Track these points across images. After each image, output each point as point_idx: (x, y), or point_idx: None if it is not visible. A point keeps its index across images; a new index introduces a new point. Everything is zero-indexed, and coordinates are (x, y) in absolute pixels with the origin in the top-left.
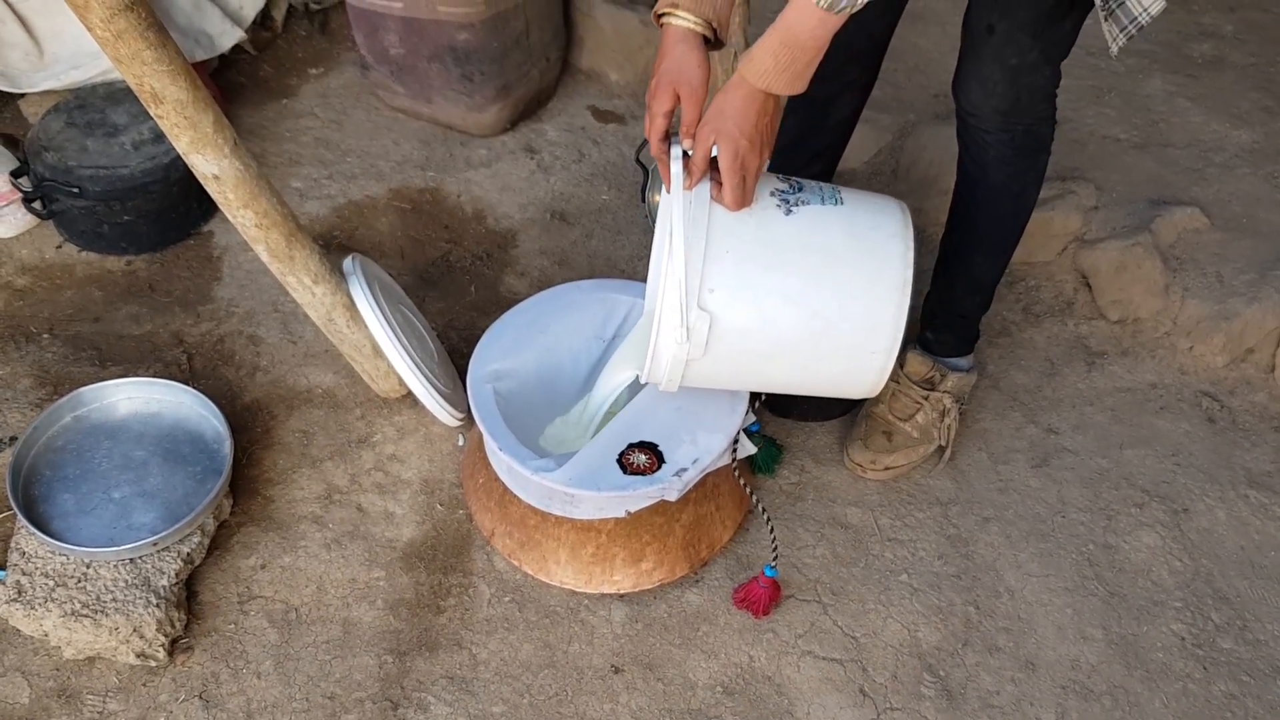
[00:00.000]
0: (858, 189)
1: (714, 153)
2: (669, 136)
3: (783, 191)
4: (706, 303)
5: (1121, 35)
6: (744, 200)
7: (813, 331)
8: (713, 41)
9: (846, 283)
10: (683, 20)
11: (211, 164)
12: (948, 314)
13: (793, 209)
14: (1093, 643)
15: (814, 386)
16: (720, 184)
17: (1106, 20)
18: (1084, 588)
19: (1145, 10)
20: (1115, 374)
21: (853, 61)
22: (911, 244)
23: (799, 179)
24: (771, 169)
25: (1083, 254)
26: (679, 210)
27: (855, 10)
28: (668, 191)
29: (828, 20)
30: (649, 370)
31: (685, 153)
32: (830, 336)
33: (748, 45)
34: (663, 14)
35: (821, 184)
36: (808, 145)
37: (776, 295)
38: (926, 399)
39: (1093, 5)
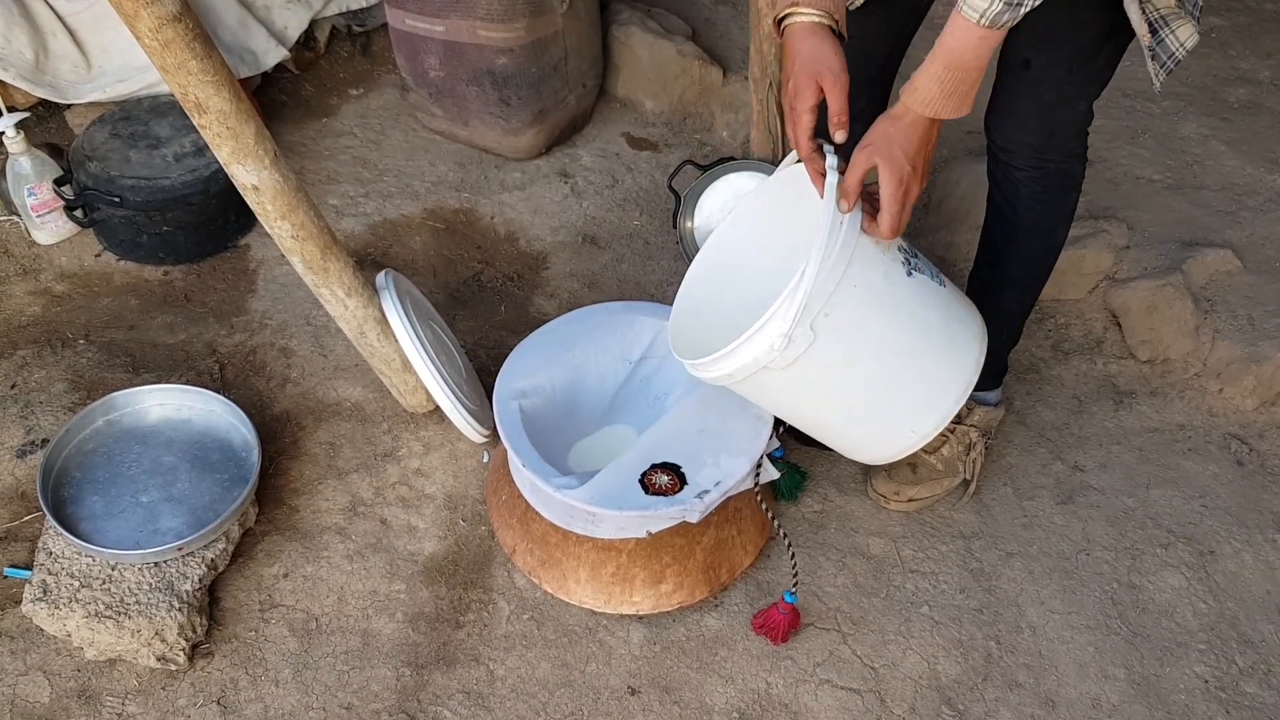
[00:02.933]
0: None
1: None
2: (815, 135)
3: (905, 251)
4: (818, 324)
5: (1162, 71)
6: (900, 229)
7: (878, 392)
8: (837, 33)
9: (927, 361)
10: (809, 15)
11: (252, 174)
12: None
13: (912, 272)
14: (1114, 682)
15: (836, 437)
16: (870, 212)
17: (1151, 60)
18: (1107, 626)
19: (1181, 45)
20: (1143, 413)
21: (862, 91)
22: (984, 353)
23: (913, 245)
24: None
25: (1113, 293)
26: (826, 225)
27: (1015, 21)
28: (819, 195)
29: (989, 37)
30: (721, 358)
31: (834, 155)
32: (887, 403)
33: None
34: (784, 16)
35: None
36: None
37: (872, 345)
38: (953, 432)
39: (1127, 44)
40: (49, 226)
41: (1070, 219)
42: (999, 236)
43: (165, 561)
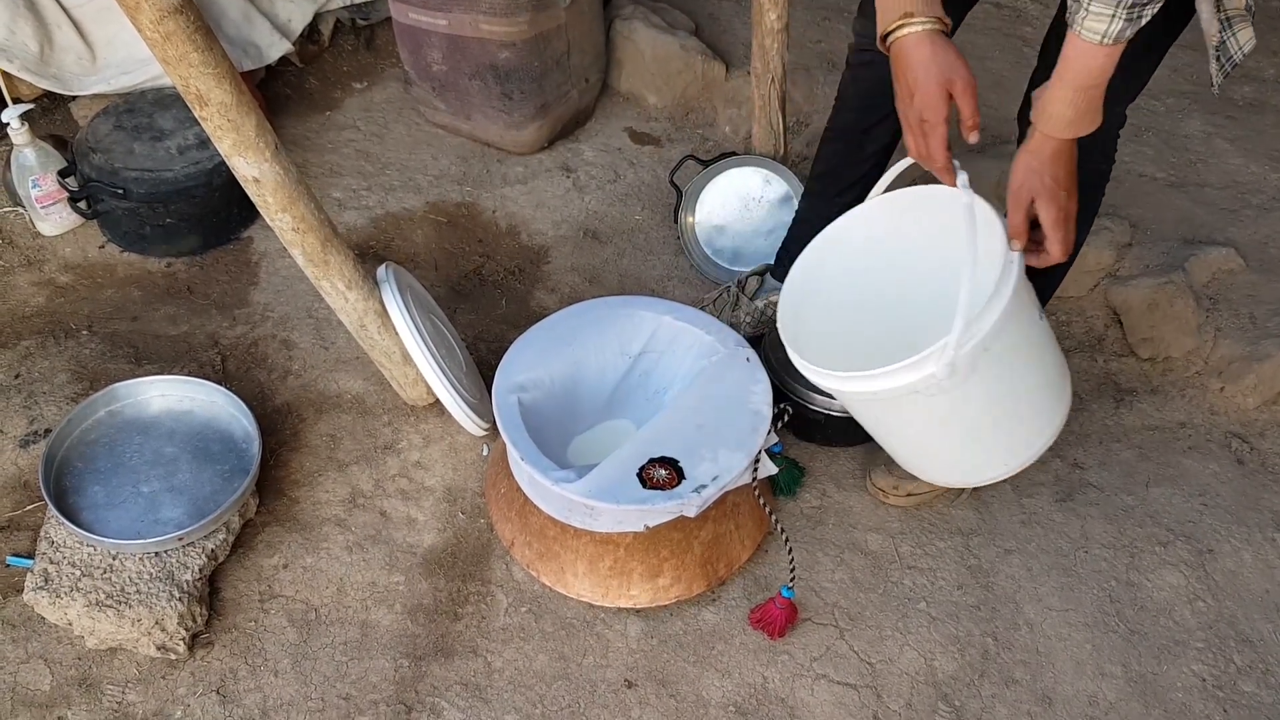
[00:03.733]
0: None
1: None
2: (950, 146)
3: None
4: (979, 357)
5: (1220, 73)
6: (1069, 248)
7: (997, 426)
8: (949, 36)
9: (1040, 401)
10: (924, 24)
11: (252, 167)
12: None
13: (1040, 318)
14: (1111, 679)
15: (921, 459)
16: (1034, 247)
17: (1214, 61)
18: (1104, 624)
19: (1240, 48)
20: (1144, 411)
21: (891, 93)
22: (1071, 397)
23: None
24: (809, 196)
25: (1115, 290)
26: (999, 261)
27: (1133, 35)
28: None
29: (1114, 53)
30: (875, 377)
31: (965, 173)
32: (995, 438)
33: (785, 73)
34: (895, 29)
35: None
36: (845, 175)
37: (1011, 383)
38: None
39: (1168, 49)
40: (53, 218)
41: (1092, 219)
42: None
43: (166, 551)
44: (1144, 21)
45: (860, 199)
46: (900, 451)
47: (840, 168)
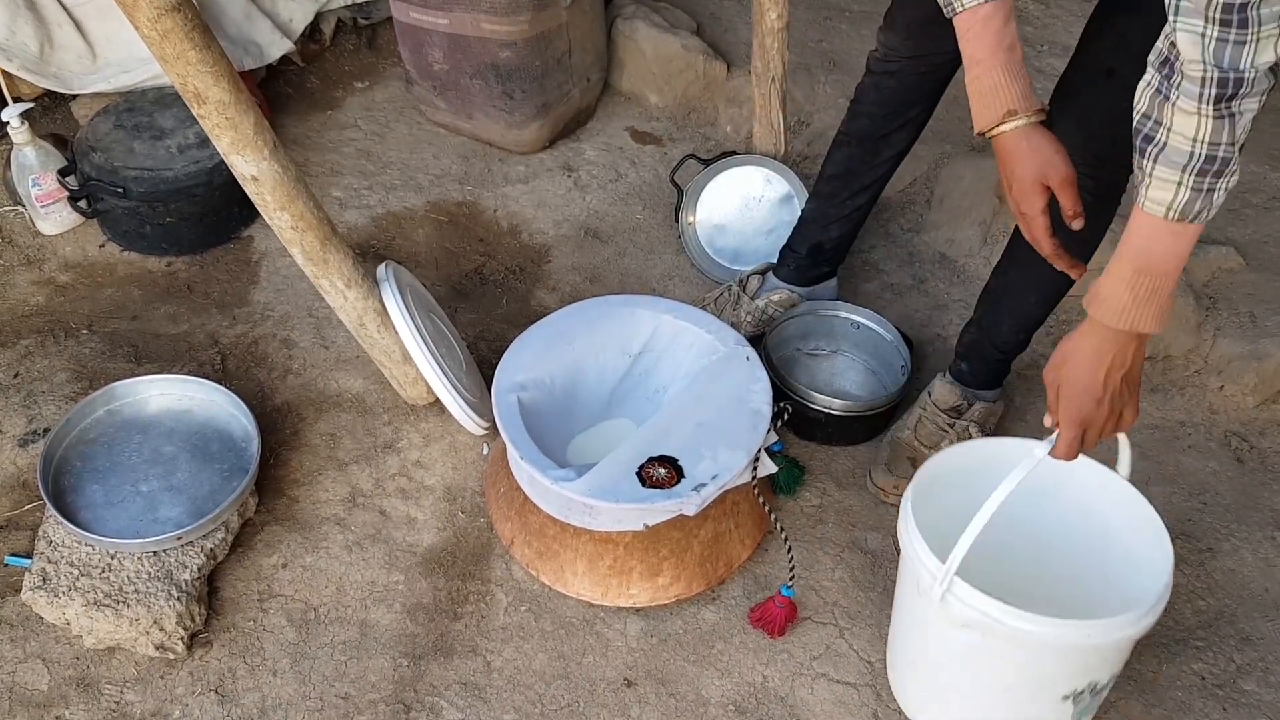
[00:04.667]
0: None
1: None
2: (1054, 232)
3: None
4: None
5: None
6: (1073, 454)
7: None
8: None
9: None
10: (1024, 120)
11: (251, 165)
12: (989, 349)
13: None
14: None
15: (934, 685)
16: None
17: None
18: None
19: None
20: (1144, 410)
21: (916, 101)
22: None
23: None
24: (818, 197)
25: None
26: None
27: (1214, 213)
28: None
29: (1184, 233)
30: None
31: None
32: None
33: (785, 72)
34: (996, 127)
35: None
36: (858, 178)
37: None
38: (952, 427)
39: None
40: (53, 217)
41: (1107, 228)
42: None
43: (164, 551)
44: (1217, 200)
45: (873, 202)
46: (937, 676)
47: (855, 171)
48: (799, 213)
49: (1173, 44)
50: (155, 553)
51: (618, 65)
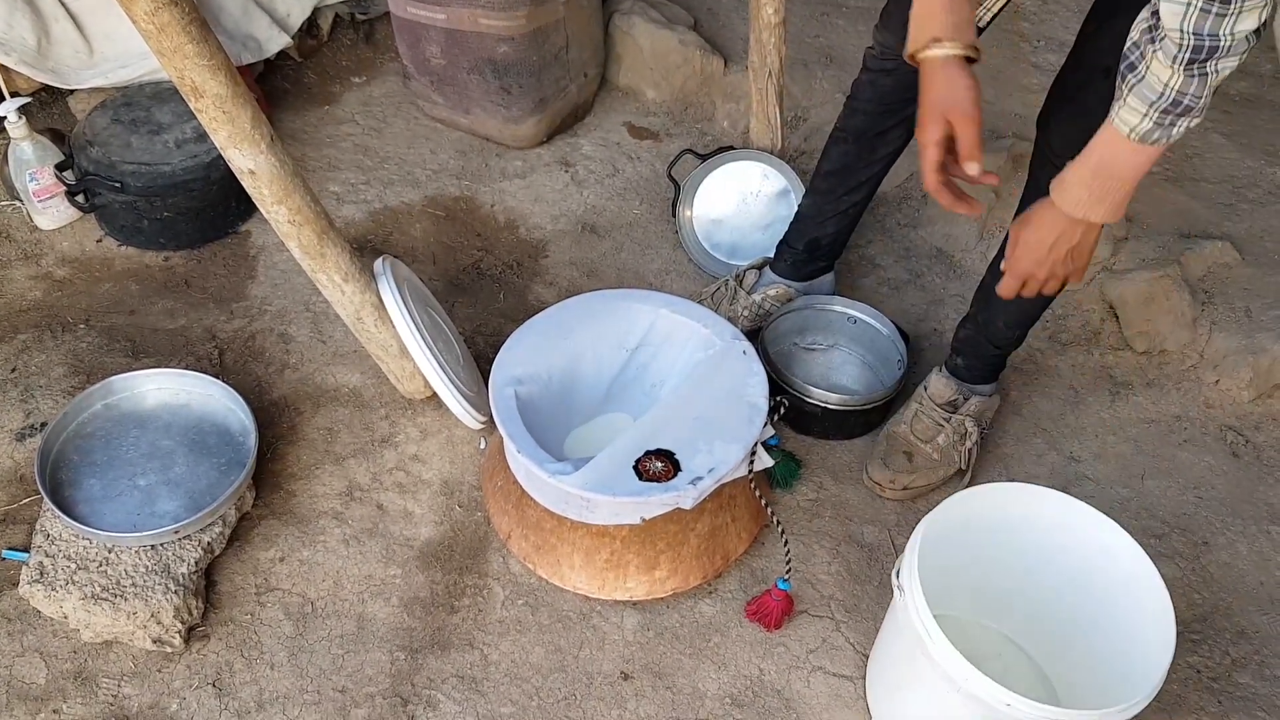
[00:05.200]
0: None
1: None
2: (944, 167)
3: None
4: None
5: None
6: (1011, 295)
7: None
8: (975, 61)
9: None
10: (946, 49)
11: (248, 159)
12: (985, 344)
13: None
14: None
15: None
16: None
17: None
18: None
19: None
20: (1139, 405)
21: (913, 99)
22: None
23: None
24: (814, 193)
25: (1111, 284)
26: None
27: (1170, 142)
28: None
29: (1142, 152)
30: None
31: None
32: None
33: (782, 67)
34: (920, 50)
35: None
36: (854, 174)
37: None
38: (948, 421)
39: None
40: (50, 211)
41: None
42: None
43: (162, 544)
44: (1175, 133)
45: (869, 198)
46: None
47: (851, 167)
48: (796, 208)
49: (1155, 11)
50: (152, 546)
51: (615, 60)
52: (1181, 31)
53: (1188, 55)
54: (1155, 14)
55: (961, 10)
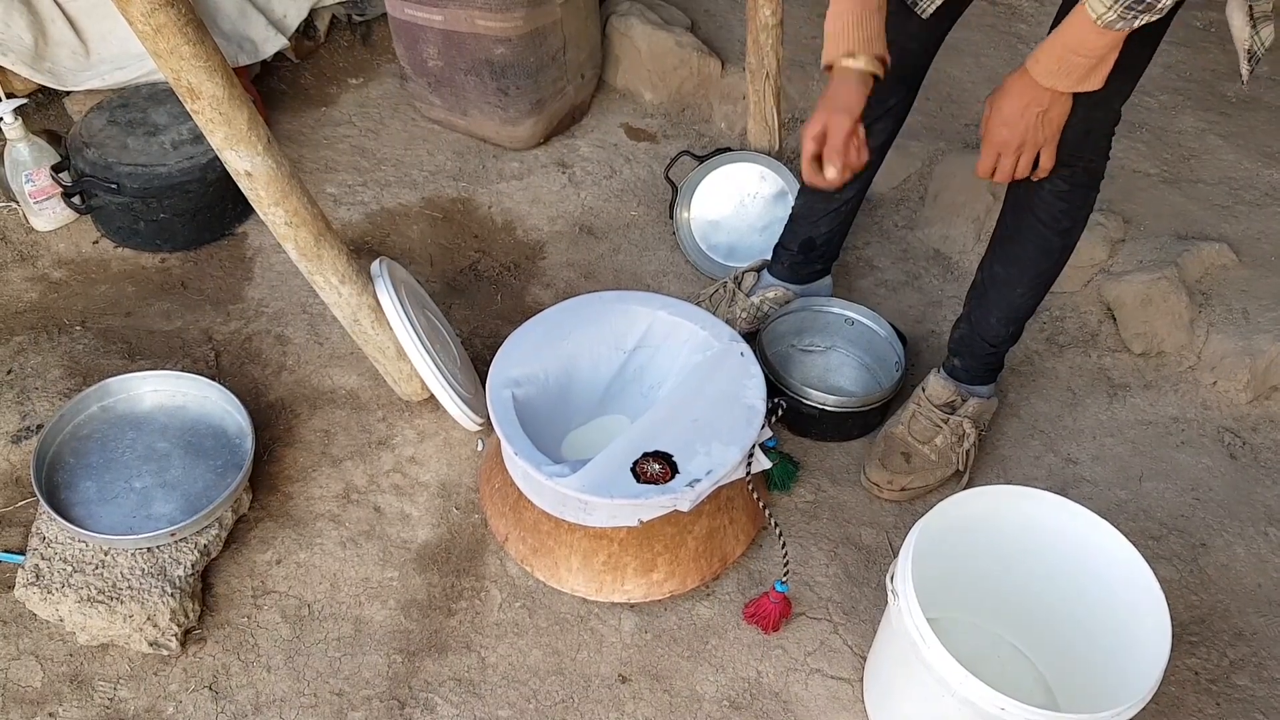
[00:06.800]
0: None
1: None
2: (819, 159)
3: None
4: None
5: (1248, 70)
6: (987, 172)
7: None
8: (880, 77)
9: None
10: (858, 64)
11: (244, 160)
12: (980, 343)
13: None
14: None
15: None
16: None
17: (1244, 61)
18: None
19: (1263, 44)
20: (1137, 406)
21: (893, 89)
22: None
23: None
24: (805, 193)
25: (1108, 285)
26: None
27: (1131, 28)
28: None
29: (1106, 36)
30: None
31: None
32: None
33: (779, 68)
34: (836, 60)
35: None
36: None
37: None
38: (946, 422)
39: (1159, 44)
40: (47, 213)
41: (1088, 217)
42: (1015, 234)
43: (158, 547)
44: (1137, 24)
45: (861, 194)
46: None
47: None
48: None
49: None
50: (149, 549)
51: (612, 62)
52: None
53: None
54: None
55: (872, 25)
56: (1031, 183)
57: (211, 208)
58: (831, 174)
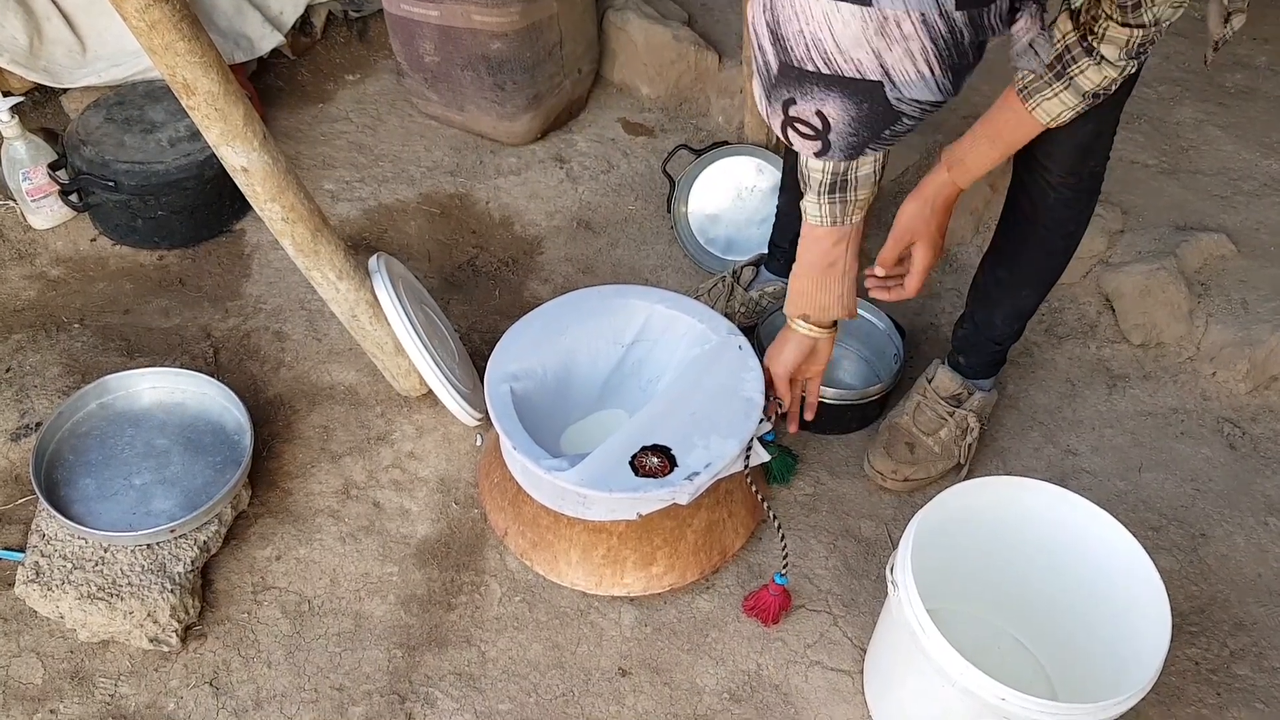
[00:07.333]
0: None
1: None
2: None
3: None
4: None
5: (1212, 53)
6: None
7: None
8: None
9: None
10: (808, 330)
11: (241, 156)
12: (985, 342)
13: None
14: None
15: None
16: (891, 282)
17: (1210, 48)
18: None
19: (1232, 29)
20: (1136, 397)
21: None
22: None
23: None
24: (786, 190)
25: (1107, 277)
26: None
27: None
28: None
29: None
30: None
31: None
32: None
33: None
34: (791, 318)
35: None
36: None
37: None
38: (951, 415)
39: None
40: (44, 211)
41: (1090, 217)
42: (1019, 237)
43: (158, 543)
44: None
45: None
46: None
47: None
48: None
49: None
50: (148, 546)
51: (609, 56)
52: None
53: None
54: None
55: (832, 291)
56: (1035, 194)
57: (209, 204)
58: (794, 427)
